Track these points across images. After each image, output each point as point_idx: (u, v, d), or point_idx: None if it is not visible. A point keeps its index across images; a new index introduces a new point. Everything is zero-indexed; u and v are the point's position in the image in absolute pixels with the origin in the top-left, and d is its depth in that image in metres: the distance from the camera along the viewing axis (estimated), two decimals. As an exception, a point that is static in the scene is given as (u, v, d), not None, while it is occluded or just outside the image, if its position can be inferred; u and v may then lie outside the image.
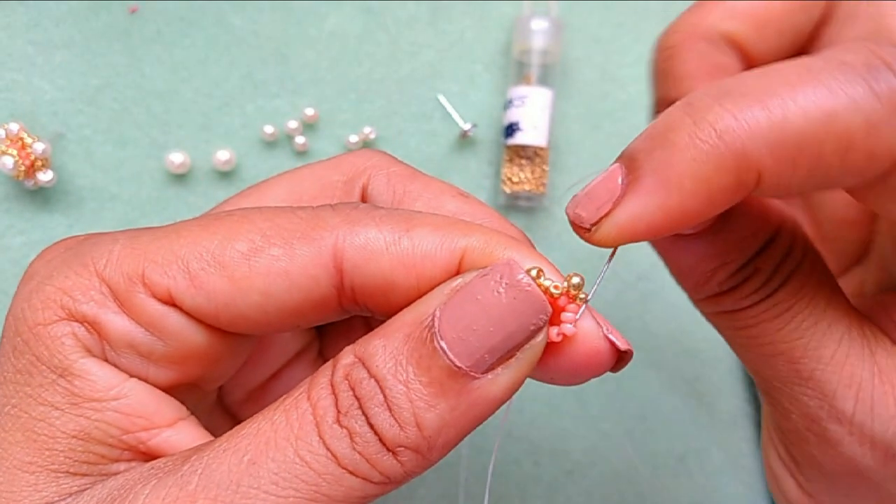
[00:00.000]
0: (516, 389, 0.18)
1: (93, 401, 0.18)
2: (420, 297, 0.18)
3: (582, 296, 0.18)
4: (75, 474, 0.18)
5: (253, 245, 0.18)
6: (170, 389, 0.20)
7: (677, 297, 0.39)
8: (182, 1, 0.37)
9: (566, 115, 0.39)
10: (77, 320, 0.18)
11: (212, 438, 0.19)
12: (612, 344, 0.18)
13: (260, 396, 0.26)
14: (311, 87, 0.38)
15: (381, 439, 0.17)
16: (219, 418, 0.25)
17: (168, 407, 0.19)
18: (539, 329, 0.17)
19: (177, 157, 0.36)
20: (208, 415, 0.24)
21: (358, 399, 0.17)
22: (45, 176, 0.35)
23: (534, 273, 0.17)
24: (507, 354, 0.17)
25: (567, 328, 0.18)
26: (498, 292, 0.17)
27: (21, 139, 0.34)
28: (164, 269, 0.18)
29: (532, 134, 0.37)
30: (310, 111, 0.38)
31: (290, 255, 0.18)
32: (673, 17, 0.40)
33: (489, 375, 0.17)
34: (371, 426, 0.17)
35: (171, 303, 0.18)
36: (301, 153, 0.38)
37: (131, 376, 0.19)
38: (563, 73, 0.39)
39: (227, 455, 0.17)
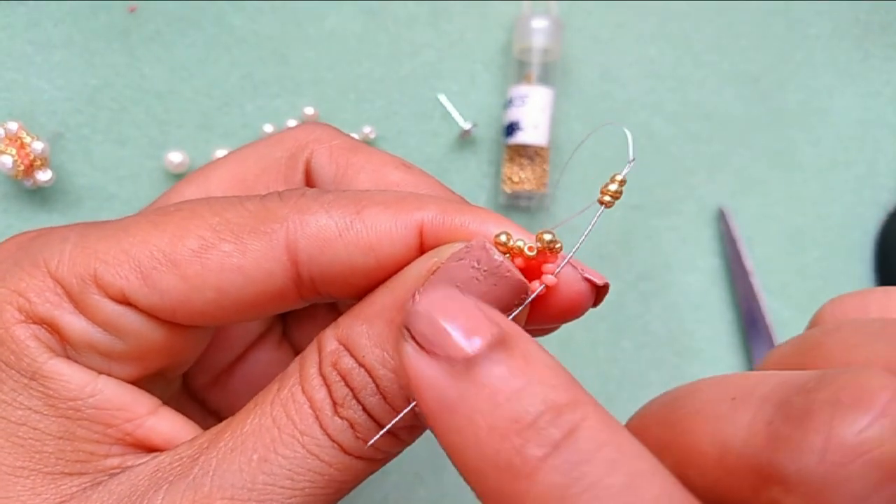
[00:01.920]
0: None
1: (70, 400, 0.18)
2: (384, 277, 0.18)
3: (557, 246, 0.18)
4: (71, 474, 0.18)
5: (203, 242, 0.18)
6: (134, 383, 0.20)
7: (678, 297, 0.39)
8: (182, 1, 0.37)
9: (567, 115, 0.39)
10: (36, 322, 0.18)
11: (192, 423, 0.19)
12: (591, 282, 0.18)
13: (226, 380, 0.26)
14: (310, 86, 0.38)
15: (380, 425, 0.17)
16: (186, 404, 0.25)
17: (143, 397, 0.19)
18: (519, 306, 0.17)
19: (176, 157, 0.36)
20: (176, 401, 0.24)
21: (351, 389, 0.17)
22: (43, 175, 0.35)
23: (503, 238, 0.17)
24: None
25: (548, 279, 0.18)
26: (478, 280, 0.17)
27: (20, 138, 0.34)
28: (115, 268, 0.18)
29: (532, 133, 0.37)
30: (309, 111, 0.38)
31: (241, 250, 0.18)
32: (674, 18, 0.40)
33: None
34: (369, 414, 0.17)
35: (125, 302, 0.18)
36: (301, 153, 0.38)
37: (100, 373, 0.19)
38: (563, 73, 0.39)
39: (236, 455, 0.17)
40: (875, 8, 0.41)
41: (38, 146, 0.34)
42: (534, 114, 0.37)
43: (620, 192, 0.18)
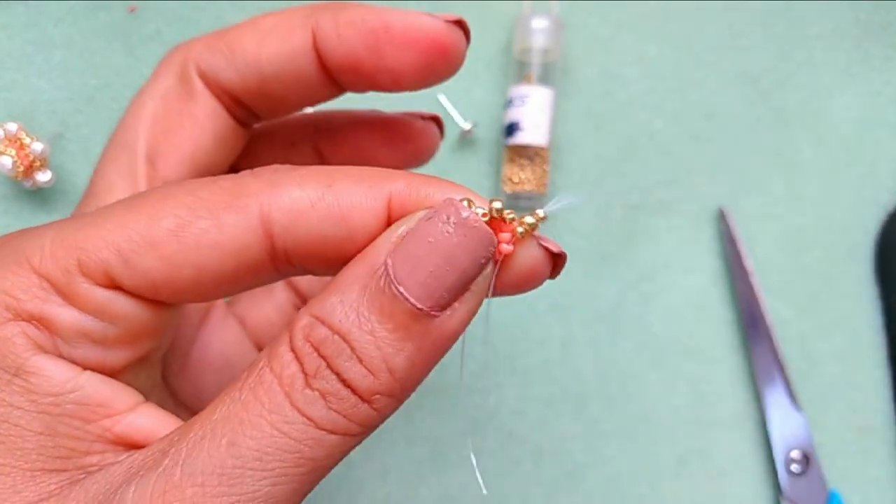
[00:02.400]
0: (472, 319, 0.18)
1: (50, 395, 0.18)
2: (357, 248, 0.18)
3: (511, 216, 0.18)
4: (51, 471, 0.18)
5: (180, 221, 0.18)
6: (126, 370, 0.20)
7: (678, 297, 0.39)
8: (182, 1, 0.37)
9: (567, 115, 0.39)
10: (24, 319, 0.18)
11: (174, 418, 0.20)
12: (547, 250, 0.19)
13: (187, 364, 0.26)
14: (310, 86, 0.38)
15: (355, 392, 0.18)
16: (167, 397, 0.26)
17: (125, 393, 0.19)
18: (489, 260, 0.18)
19: (176, 157, 0.36)
20: (159, 392, 0.24)
21: (325, 358, 0.17)
22: (43, 176, 0.35)
23: (465, 204, 0.18)
24: (462, 289, 0.18)
25: (504, 248, 0.18)
26: (448, 232, 0.17)
27: (19, 139, 0.34)
28: (97, 255, 0.18)
29: (533, 133, 0.37)
30: (309, 110, 0.38)
31: (217, 226, 0.18)
32: (674, 18, 0.40)
33: (448, 312, 0.18)
34: (344, 381, 0.17)
35: (113, 286, 0.19)
36: (301, 153, 0.38)
37: (88, 366, 0.19)
38: (563, 73, 0.39)
39: (205, 442, 0.17)
40: (875, 8, 0.41)
41: (37, 147, 0.34)
42: (534, 114, 0.37)
43: (536, 226, 0.19)
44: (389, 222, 0.18)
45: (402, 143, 0.28)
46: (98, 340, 0.19)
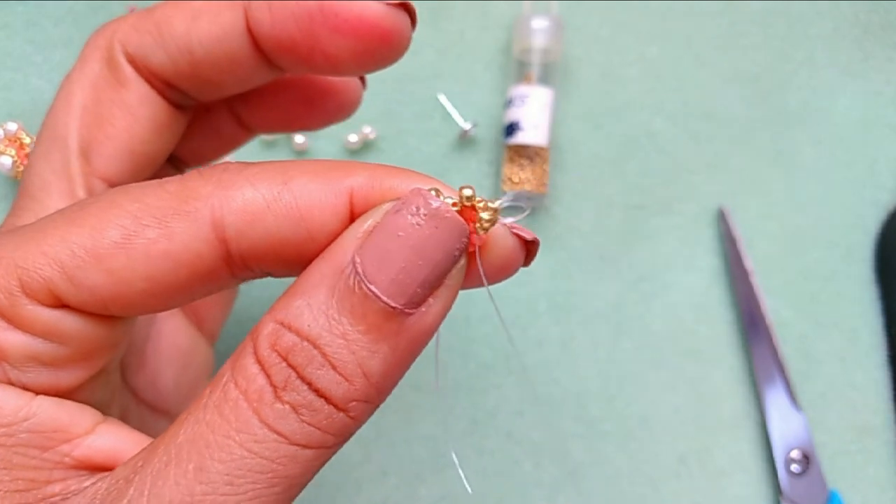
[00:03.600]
0: (446, 314, 0.17)
1: (2, 426, 0.17)
2: (319, 248, 0.17)
3: (480, 204, 0.17)
4: None
5: (126, 231, 0.17)
6: (82, 387, 0.19)
7: (678, 297, 0.39)
8: (181, 1, 0.37)
9: (567, 115, 0.39)
10: None
11: (136, 434, 0.19)
12: (520, 238, 0.18)
13: (143, 361, 0.26)
14: (310, 86, 0.38)
15: (329, 401, 0.16)
16: (129, 398, 0.25)
17: (82, 414, 0.18)
18: (462, 252, 0.17)
19: (176, 157, 0.36)
20: (120, 397, 0.23)
21: (294, 368, 0.16)
22: (43, 176, 0.35)
23: (433, 194, 0.17)
24: (436, 284, 0.17)
25: (477, 238, 0.17)
26: (419, 224, 0.16)
27: (19, 139, 0.34)
28: (39, 274, 0.17)
29: (533, 133, 0.37)
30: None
31: (167, 234, 0.17)
32: (674, 17, 0.40)
33: (422, 308, 0.17)
34: (316, 390, 0.16)
35: (60, 305, 0.17)
36: (300, 152, 0.38)
37: (40, 390, 0.18)
38: (563, 73, 0.39)
39: (171, 468, 0.16)
40: (875, 8, 0.41)
41: (37, 146, 0.34)
42: (534, 114, 0.37)
43: (494, 221, 0.18)
44: (352, 218, 0.17)
45: (323, 98, 0.26)
46: (48, 362, 0.18)
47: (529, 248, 0.18)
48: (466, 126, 0.38)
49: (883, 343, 0.39)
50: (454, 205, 0.17)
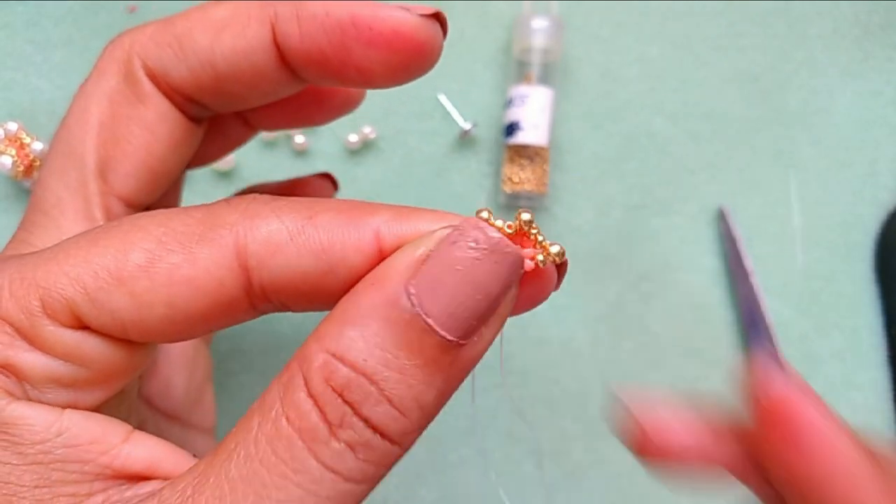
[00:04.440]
0: (493, 341, 0.18)
1: (38, 444, 0.17)
2: (340, 284, 0.17)
3: (534, 231, 0.17)
4: None
5: (150, 255, 0.17)
6: (100, 407, 0.19)
7: (678, 298, 0.39)
8: (181, 1, 0.37)
9: (567, 115, 0.39)
10: None
11: (168, 445, 0.18)
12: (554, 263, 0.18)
13: (155, 370, 0.25)
14: (310, 86, 0.38)
15: (385, 436, 0.16)
16: (144, 408, 0.25)
17: (113, 425, 0.18)
18: (517, 282, 0.17)
19: (176, 157, 0.36)
20: (136, 409, 0.23)
21: (350, 404, 0.16)
22: (43, 176, 0.35)
23: (485, 215, 0.17)
24: (490, 315, 0.17)
25: (528, 263, 0.17)
26: (479, 259, 0.16)
27: (19, 139, 0.34)
28: (61, 294, 0.17)
29: (533, 133, 0.37)
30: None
31: (190, 260, 0.17)
32: (674, 17, 0.40)
33: (475, 338, 0.17)
34: (374, 427, 0.16)
35: (81, 327, 0.17)
36: (300, 153, 0.38)
37: (64, 408, 0.18)
38: (563, 73, 0.39)
39: None
40: (875, 8, 0.41)
41: (37, 146, 0.34)
42: (534, 114, 0.37)
43: (562, 255, 0.17)
44: (381, 256, 0.17)
45: (330, 94, 0.26)
46: (68, 384, 0.18)
47: (560, 271, 0.18)
48: (466, 126, 0.38)
49: (883, 343, 0.39)
50: (510, 226, 0.17)
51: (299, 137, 0.37)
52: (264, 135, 0.37)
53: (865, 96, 0.40)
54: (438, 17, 0.21)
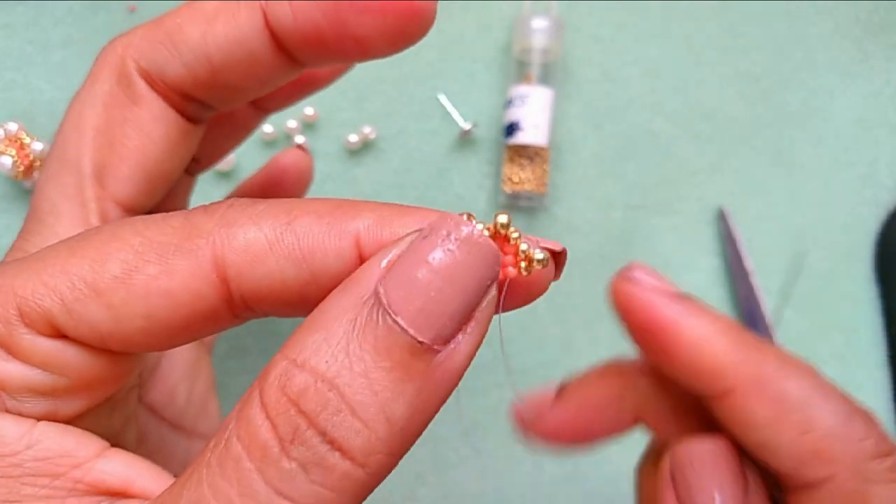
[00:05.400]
0: (475, 352, 0.16)
1: (7, 456, 0.16)
2: (319, 291, 0.16)
3: (514, 235, 0.17)
4: None
5: (127, 266, 0.16)
6: (84, 416, 0.18)
7: (678, 298, 0.39)
8: (181, 1, 0.37)
9: (567, 115, 0.39)
10: None
11: (144, 462, 0.18)
12: (551, 252, 0.17)
13: (157, 377, 0.25)
14: (310, 86, 0.38)
15: (345, 455, 0.15)
16: (148, 416, 0.24)
17: (87, 438, 0.18)
18: (494, 281, 0.16)
19: (176, 157, 0.36)
20: (136, 420, 0.23)
21: (305, 415, 0.14)
22: (43, 176, 0.35)
23: (464, 217, 0.16)
24: (466, 317, 0.15)
25: (510, 271, 0.17)
26: (449, 250, 0.15)
27: (19, 139, 0.34)
28: (38, 304, 0.16)
29: (533, 133, 0.37)
30: (309, 111, 0.38)
31: (167, 272, 0.16)
32: (674, 17, 0.40)
33: (451, 345, 0.15)
34: (331, 442, 0.14)
35: (59, 336, 0.17)
36: (301, 153, 0.38)
37: (39, 419, 0.17)
38: (563, 73, 0.39)
39: None
40: (875, 8, 0.41)
41: (37, 146, 0.34)
42: (534, 114, 0.37)
43: (545, 264, 0.16)
44: (361, 261, 0.16)
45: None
46: (47, 393, 0.17)
47: (558, 260, 0.17)
48: (466, 126, 0.38)
49: (883, 343, 0.39)
50: (487, 228, 0.16)
51: (299, 137, 0.38)
52: (264, 135, 0.37)
53: (865, 96, 0.40)
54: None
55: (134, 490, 0.17)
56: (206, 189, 0.37)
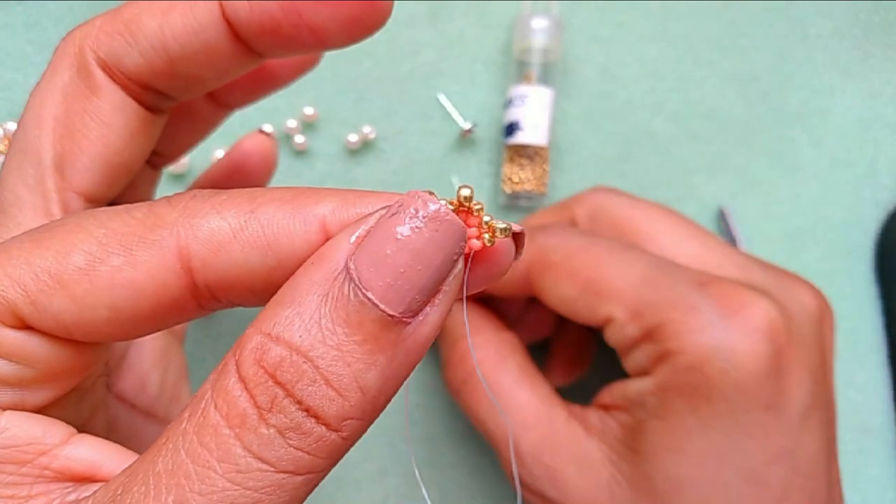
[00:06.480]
0: (443, 323, 0.17)
1: None
2: (286, 277, 0.16)
3: (476, 207, 0.17)
4: None
5: (90, 258, 0.17)
6: (52, 406, 0.18)
7: (678, 298, 0.39)
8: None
9: (567, 115, 0.39)
10: None
11: (113, 446, 0.18)
12: (512, 232, 0.18)
13: (125, 366, 0.25)
14: (309, 86, 0.38)
15: (320, 420, 0.15)
16: (118, 406, 0.25)
17: (54, 426, 0.18)
18: (460, 255, 0.16)
19: (176, 157, 0.36)
20: (104, 408, 0.23)
21: (282, 385, 0.15)
22: (43, 176, 0.35)
23: (431, 196, 0.16)
24: (434, 290, 0.16)
25: (474, 243, 0.17)
26: (418, 227, 0.16)
27: (19, 139, 0.34)
28: (2, 296, 0.17)
29: (532, 133, 0.37)
30: (309, 110, 0.38)
31: (131, 263, 0.17)
32: (674, 17, 0.40)
33: (419, 317, 0.16)
34: (307, 409, 0.15)
35: (24, 327, 0.17)
36: (300, 152, 0.38)
37: (5, 407, 0.17)
38: (563, 72, 0.39)
39: (149, 501, 0.15)
40: (875, 8, 0.41)
41: (37, 146, 0.34)
42: (534, 114, 0.37)
43: (508, 232, 0.17)
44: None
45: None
46: (13, 384, 0.17)
47: (518, 241, 0.18)
48: (466, 126, 0.38)
49: (883, 343, 0.39)
50: (451, 203, 0.17)
51: (299, 137, 0.38)
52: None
53: (865, 96, 0.40)
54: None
55: (102, 474, 0.17)
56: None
